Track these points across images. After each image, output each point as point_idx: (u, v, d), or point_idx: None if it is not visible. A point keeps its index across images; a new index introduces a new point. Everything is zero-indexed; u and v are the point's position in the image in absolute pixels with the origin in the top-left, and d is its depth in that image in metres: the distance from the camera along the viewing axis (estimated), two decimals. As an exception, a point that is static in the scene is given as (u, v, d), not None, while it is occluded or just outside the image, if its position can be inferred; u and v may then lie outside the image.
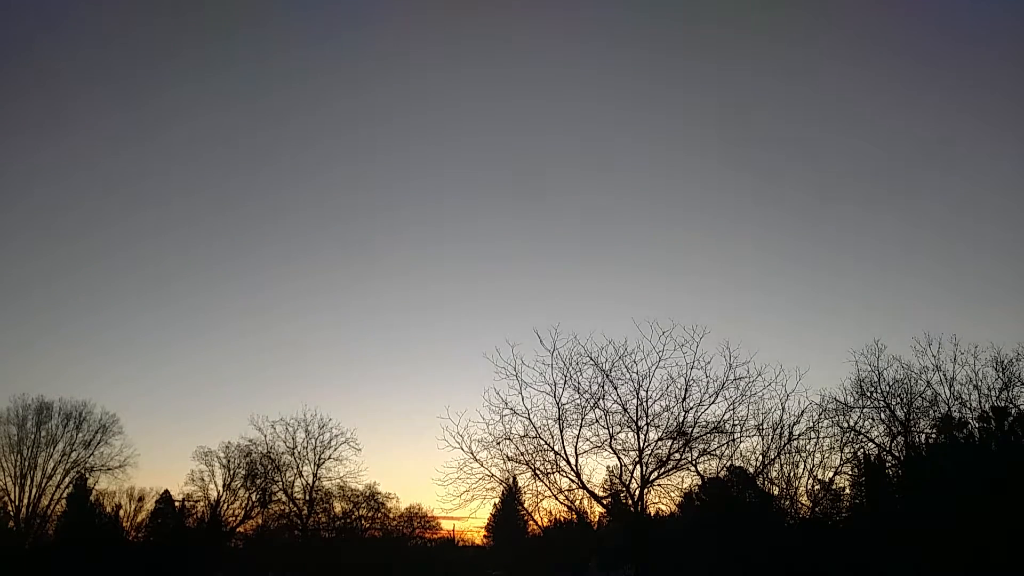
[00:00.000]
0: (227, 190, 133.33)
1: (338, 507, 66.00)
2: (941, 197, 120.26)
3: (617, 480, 32.26)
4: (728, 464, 34.76)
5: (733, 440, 31.57)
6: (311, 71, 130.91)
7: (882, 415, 35.82)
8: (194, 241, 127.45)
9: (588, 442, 30.55)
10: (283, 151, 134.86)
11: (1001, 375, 32.98)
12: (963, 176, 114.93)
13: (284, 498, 63.55)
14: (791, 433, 33.82)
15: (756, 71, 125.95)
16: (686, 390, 29.87)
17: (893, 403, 35.42)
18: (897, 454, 36.26)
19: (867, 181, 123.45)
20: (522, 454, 30.83)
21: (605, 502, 35.45)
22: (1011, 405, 33.07)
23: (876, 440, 36.46)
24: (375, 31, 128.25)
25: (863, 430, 36.07)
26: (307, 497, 62.78)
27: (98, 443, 63.30)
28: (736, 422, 30.75)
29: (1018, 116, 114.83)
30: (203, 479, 66.06)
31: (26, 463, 60.98)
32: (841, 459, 36.97)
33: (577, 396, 30.28)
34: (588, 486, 31.49)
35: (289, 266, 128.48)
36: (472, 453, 30.46)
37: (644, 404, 30.06)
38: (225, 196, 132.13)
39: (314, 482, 62.67)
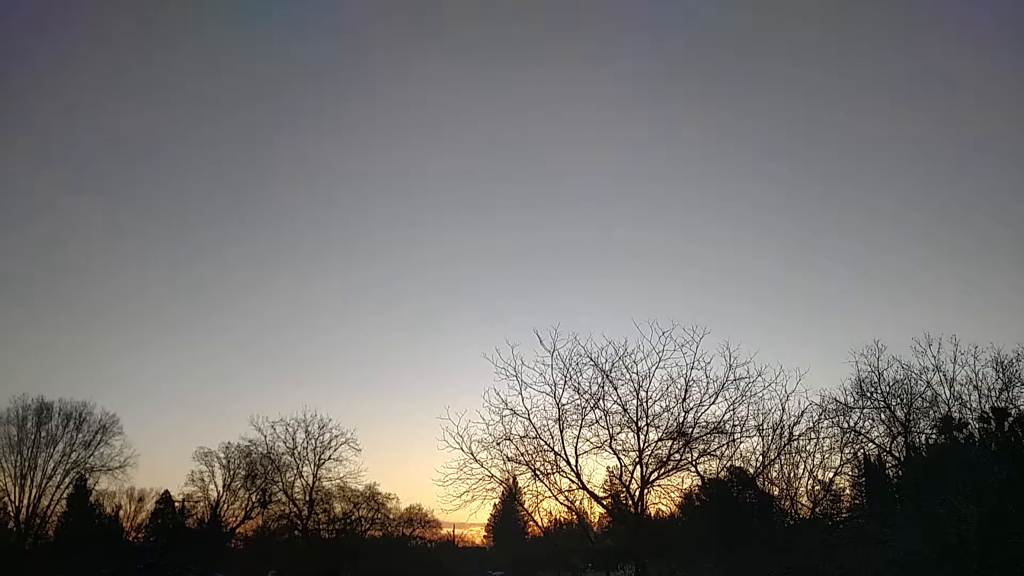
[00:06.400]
0: (227, 192, 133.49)
1: (338, 507, 66.20)
2: (941, 197, 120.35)
3: (617, 481, 32.27)
4: (728, 464, 34.81)
5: (733, 441, 31.62)
6: (314, 72, 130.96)
7: (882, 415, 35.87)
8: (194, 243, 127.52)
9: (588, 442, 30.59)
10: (283, 153, 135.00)
11: (1001, 375, 33.01)
12: (963, 176, 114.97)
13: (284, 498, 63.70)
14: (791, 434, 33.83)
15: (757, 80, 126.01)
16: (686, 391, 29.89)
17: (893, 403, 35.47)
18: (897, 455, 36.27)
19: (866, 181, 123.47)
20: (522, 454, 30.87)
21: (605, 503, 35.47)
22: (1011, 405, 33.06)
23: (876, 441, 36.50)
24: (377, 32, 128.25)
25: (863, 430, 36.12)
26: (307, 497, 62.83)
27: (98, 443, 63.35)
28: (736, 422, 30.79)
29: (1018, 116, 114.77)
30: (203, 479, 66.28)
31: (26, 463, 60.97)
32: (841, 460, 37.00)
33: (577, 396, 30.31)
34: (588, 487, 31.54)
35: (289, 267, 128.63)
36: (472, 454, 30.51)
37: (644, 404, 30.08)
38: (225, 198, 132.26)
39: (314, 482, 62.84)
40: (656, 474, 30.65)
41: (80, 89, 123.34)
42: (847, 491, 39.72)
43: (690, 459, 31.15)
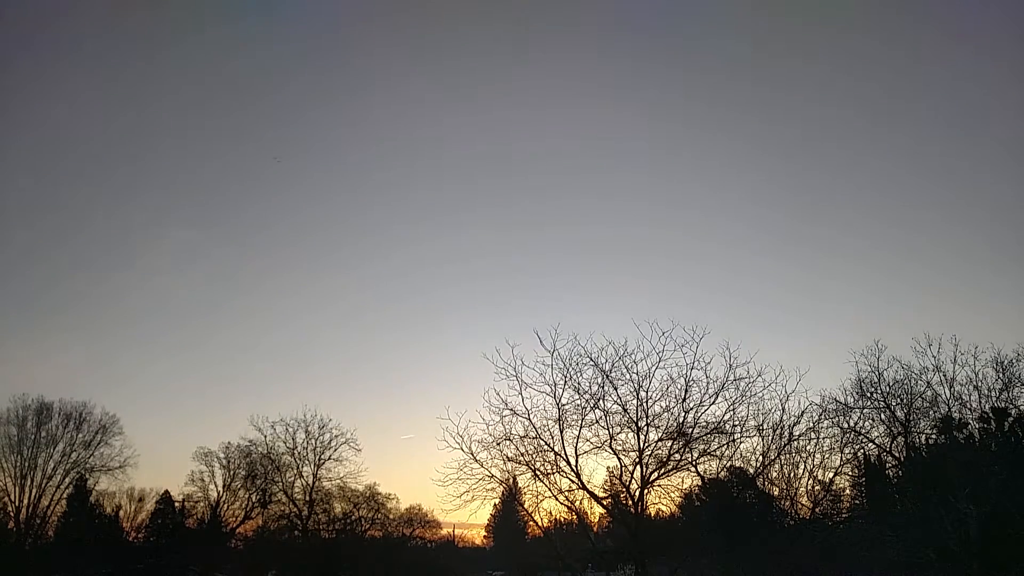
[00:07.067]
0: (227, 193, 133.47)
1: (338, 508, 66.20)
2: (941, 197, 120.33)
3: (617, 481, 32.26)
4: (728, 465, 34.79)
5: (733, 441, 31.59)
6: (315, 68, 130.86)
7: (882, 416, 35.79)
8: (193, 243, 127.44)
9: (588, 443, 30.54)
10: (284, 154, 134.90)
11: (1001, 376, 32.86)
12: (963, 176, 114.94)
13: (284, 498, 63.72)
14: (791, 434, 33.82)
15: (755, 77, 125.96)
16: (686, 391, 29.83)
17: (893, 404, 35.37)
18: (897, 455, 36.21)
19: (867, 181, 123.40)
20: (522, 455, 30.83)
21: (605, 503, 35.43)
22: (1011, 406, 32.98)
23: (876, 441, 36.44)
24: (378, 30, 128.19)
25: (863, 431, 36.05)
26: (307, 498, 62.84)
27: (98, 443, 63.42)
28: (736, 423, 30.74)
29: (1019, 116, 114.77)
30: (203, 480, 66.33)
31: (26, 464, 61.00)
32: (841, 460, 36.96)
33: (577, 397, 30.26)
34: (588, 487, 31.51)
35: (289, 267, 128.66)
36: (472, 454, 30.46)
37: (644, 405, 30.03)
38: (225, 198, 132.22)
39: (314, 482, 62.88)
40: (656, 474, 30.64)
41: (81, 88, 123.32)
42: (847, 491, 39.72)
43: (690, 459, 31.14)
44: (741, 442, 32.25)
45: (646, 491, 30.77)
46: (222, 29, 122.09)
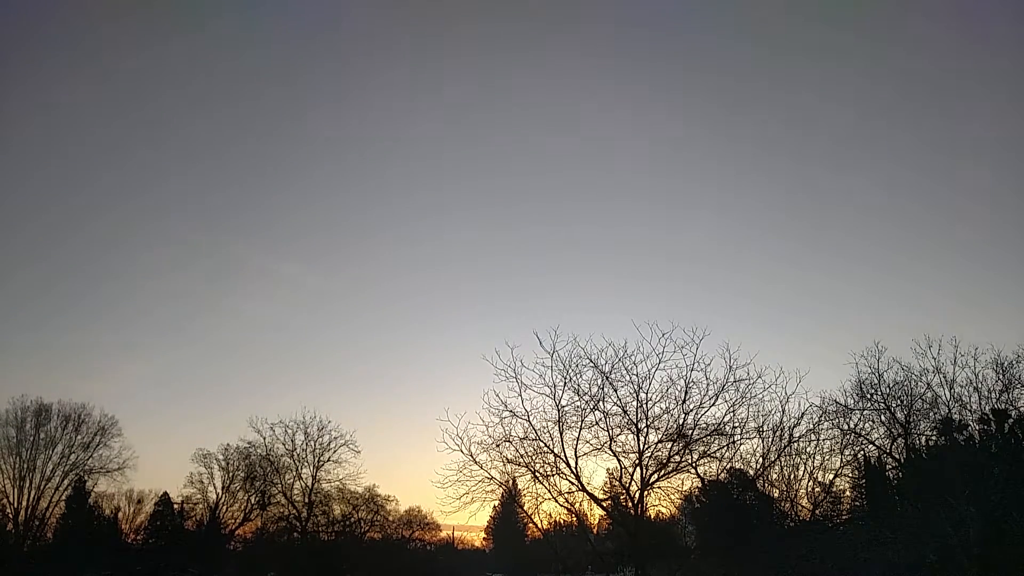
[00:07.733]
0: (226, 192, 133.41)
1: (337, 509, 66.12)
2: (941, 198, 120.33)
3: (617, 482, 32.25)
4: (728, 466, 34.80)
5: (733, 442, 31.66)
6: (312, 67, 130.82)
7: (882, 417, 35.77)
8: (193, 244, 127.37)
9: (588, 444, 30.58)
10: (283, 154, 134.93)
11: (1001, 377, 32.84)
12: (963, 176, 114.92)
13: (283, 500, 63.62)
14: (791, 435, 33.87)
15: (756, 76, 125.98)
16: (686, 392, 29.88)
17: (893, 405, 35.34)
18: (897, 456, 36.20)
19: (867, 181, 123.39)
20: (522, 456, 30.85)
21: (605, 504, 35.43)
22: (1011, 407, 32.99)
23: (876, 442, 36.41)
24: (379, 35, 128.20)
25: (863, 432, 36.03)
26: (306, 499, 62.77)
27: (97, 445, 63.20)
28: (736, 424, 30.81)
29: (1019, 116, 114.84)
30: (202, 481, 66.23)
31: (25, 465, 60.84)
32: (841, 461, 36.97)
33: (577, 398, 30.32)
34: (588, 488, 31.55)
35: (287, 268, 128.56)
36: (472, 455, 30.52)
37: (644, 406, 30.06)
38: (223, 198, 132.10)
39: (313, 484, 62.78)
40: (656, 476, 30.65)
41: (81, 90, 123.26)
42: (847, 493, 39.72)
43: (690, 461, 31.17)
44: (741, 444, 32.39)
45: (646, 493, 30.79)
46: (221, 27, 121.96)
